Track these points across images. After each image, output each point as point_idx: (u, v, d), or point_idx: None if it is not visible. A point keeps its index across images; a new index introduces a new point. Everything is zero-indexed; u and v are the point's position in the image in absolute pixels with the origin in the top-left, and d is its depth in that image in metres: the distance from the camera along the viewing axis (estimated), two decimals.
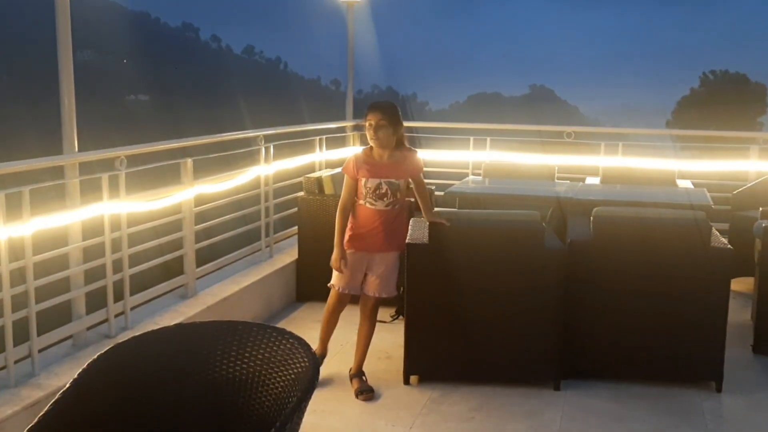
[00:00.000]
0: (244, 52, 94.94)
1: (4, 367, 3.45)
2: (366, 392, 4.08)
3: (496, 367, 4.25)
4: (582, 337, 4.28)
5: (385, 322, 5.20)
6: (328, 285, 4.24)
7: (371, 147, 4.13)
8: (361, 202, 4.11)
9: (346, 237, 4.13)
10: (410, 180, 4.20)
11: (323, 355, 4.36)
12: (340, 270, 4.12)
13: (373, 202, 4.08)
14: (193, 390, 2.35)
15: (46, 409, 2.09)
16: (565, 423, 3.81)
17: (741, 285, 5.94)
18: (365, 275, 4.17)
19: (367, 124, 4.10)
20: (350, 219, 4.15)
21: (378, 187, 4.06)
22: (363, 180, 4.08)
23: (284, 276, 5.66)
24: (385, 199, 4.08)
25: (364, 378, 4.19)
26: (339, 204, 4.14)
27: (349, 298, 4.25)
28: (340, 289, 4.18)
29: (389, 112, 4.05)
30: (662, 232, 4.21)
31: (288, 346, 2.31)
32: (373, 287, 4.15)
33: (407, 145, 4.18)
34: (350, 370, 4.26)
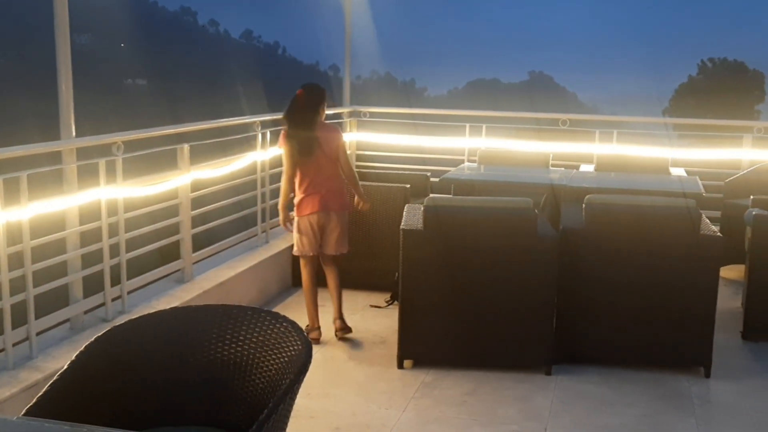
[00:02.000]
0: (242, 36, 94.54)
1: (2, 350, 3.49)
2: (344, 330, 4.73)
3: (489, 352, 4.31)
4: (574, 323, 4.34)
5: (380, 307, 5.27)
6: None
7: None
8: None
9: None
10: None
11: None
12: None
13: None
14: (188, 372, 2.40)
15: (44, 389, 2.13)
16: (555, 407, 3.87)
17: (732, 272, 6.00)
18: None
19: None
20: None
21: None
22: None
23: (280, 261, 5.70)
24: None
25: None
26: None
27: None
28: None
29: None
30: (653, 219, 4.26)
31: (281, 329, 2.36)
32: None
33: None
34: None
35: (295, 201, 4.65)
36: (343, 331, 4.72)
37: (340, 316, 4.76)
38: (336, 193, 4.63)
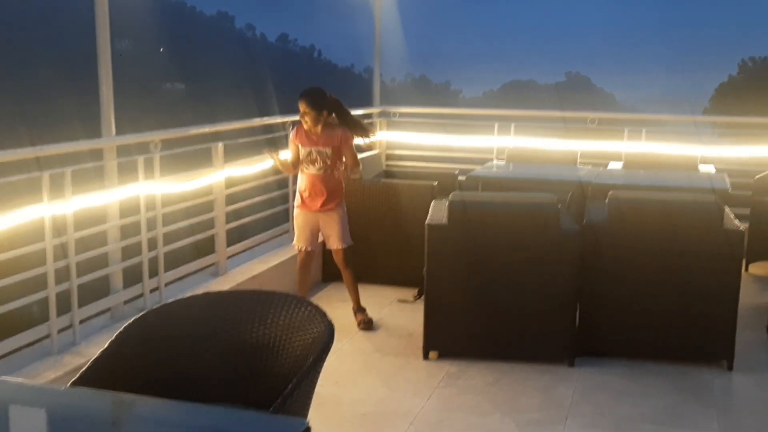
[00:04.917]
0: (278, 40, 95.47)
1: (48, 336, 3.71)
2: (366, 323, 4.90)
3: (513, 343, 4.40)
4: (596, 316, 4.41)
5: (407, 301, 5.39)
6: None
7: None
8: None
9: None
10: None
11: None
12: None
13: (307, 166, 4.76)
14: (219, 352, 2.55)
15: (87, 365, 2.30)
16: (576, 397, 3.96)
17: (761, 269, 6.00)
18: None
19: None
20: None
21: (309, 154, 4.73)
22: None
23: None
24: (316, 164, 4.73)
25: (365, 312, 4.97)
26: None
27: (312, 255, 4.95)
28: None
29: (311, 102, 4.67)
30: (676, 214, 4.31)
31: (306, 312, 2.50)
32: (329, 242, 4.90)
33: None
34: (353, 308, 4.98)
35: None
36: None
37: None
38: None
